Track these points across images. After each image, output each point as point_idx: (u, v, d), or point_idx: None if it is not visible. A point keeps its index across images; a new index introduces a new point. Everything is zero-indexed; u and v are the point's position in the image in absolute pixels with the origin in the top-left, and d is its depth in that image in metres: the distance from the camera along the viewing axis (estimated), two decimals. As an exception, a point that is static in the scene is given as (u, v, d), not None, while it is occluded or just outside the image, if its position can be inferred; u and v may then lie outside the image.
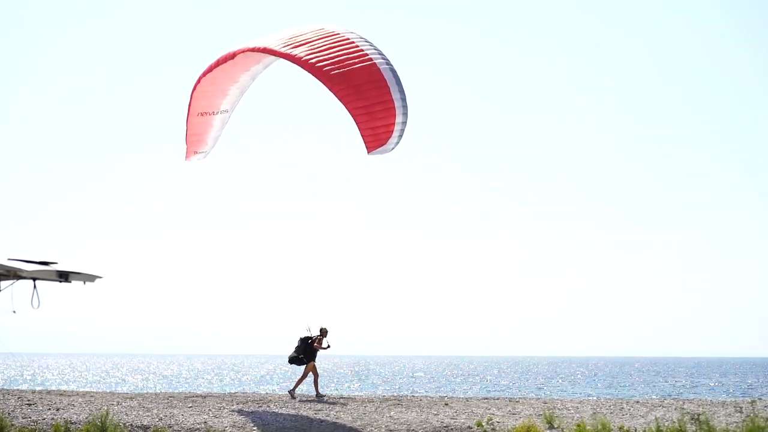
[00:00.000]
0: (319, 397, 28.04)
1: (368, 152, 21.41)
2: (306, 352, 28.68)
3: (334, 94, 21.29)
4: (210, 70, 24.98)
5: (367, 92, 21.12)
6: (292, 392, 28.46)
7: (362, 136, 21.34)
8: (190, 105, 25.80)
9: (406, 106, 21.23)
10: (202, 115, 25.90)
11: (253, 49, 23.32)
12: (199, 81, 25.31)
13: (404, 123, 21.27)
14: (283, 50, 22.35)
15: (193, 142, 26.39)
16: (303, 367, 28.99)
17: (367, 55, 21.59)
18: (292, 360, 28.82)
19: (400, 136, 21.35)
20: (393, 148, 21.50)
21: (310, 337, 28.70)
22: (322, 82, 21.41)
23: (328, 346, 28.77)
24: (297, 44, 22.28)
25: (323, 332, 28.81)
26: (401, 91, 21.27)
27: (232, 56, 24.03)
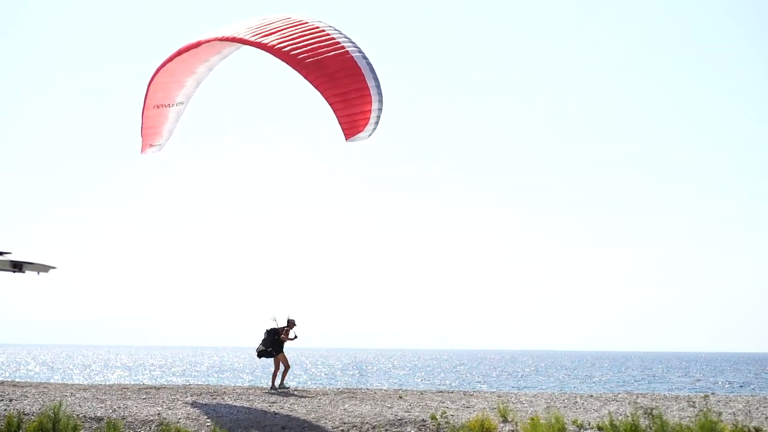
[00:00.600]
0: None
1: (346, 139, 21.57)
2: (274, 344, 28.63)
3: (310, 81, 21.42)
4: (169, 60, 24.84)
5: (342, 79, 21.34)
6: (280, 384, 28.46)
7: (339, 123, 21.52)
8: (146, 97, 25.67)
9: (381, 93, 21.52)
10: (158, 107, 25.80)
11: (222, 39, 23.23)
12: (157, 72, 25.17)
13: (380, 110, 21.52)
14: (254, 39, 22.33)
15: (149, 135, 26.29)
16: (273, 359, 28.99)
17: (339, 43, 21.82)
18: (262, 354, 28.76)
19: (377, 122, 21.58)
20: (370, 135, 21.75)
21: (277, 329, 28.66)
22: (297, 70, 21.54)
23: (296, 337, 28.74)
24: (267, 33, 22.33)
25: (290, 323, 28.77)
26: (375, 79, 21.53)
27: (196, 45, 23.92)
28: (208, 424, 21.53)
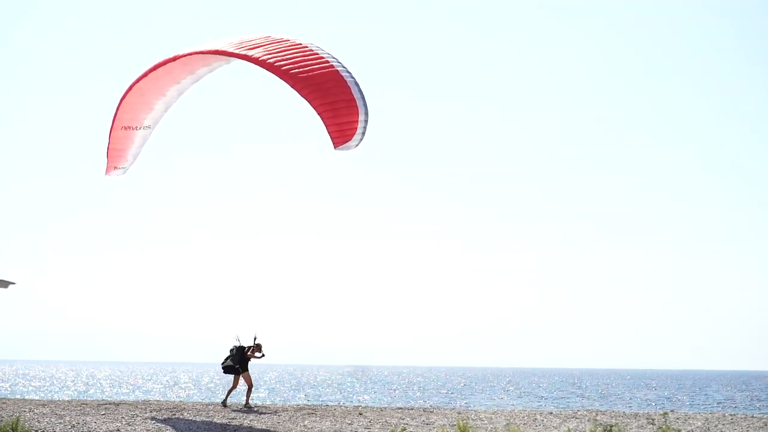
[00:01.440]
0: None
1: (335, 147, 21.86)
2: (242, 361, 28.55)
3: (298, 91, 21.85)
4: (142, 77, 24.80)
5: (330, 89, 21.71)
6: (247, 405, 28.33)
7: (328, 132, 21.80)
8: (115, 116, 25.56)
9: (367, 105, 21.86)
10: (125, 129, 25.69)
11: (203, 52, 23.32)
12: (128, 90, 25.10)
13: (366, 121, 21.85)
14: (238, 52, 22.55)
15: (114, 157, 26.18)
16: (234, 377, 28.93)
17: (323, 58, 22.28)
18: (228, 369, 28.64)
19: (363, 133, 21.88)
20: (357, 145, 21.99)
21: (244, 347, 28.60)
22: (285, 81, 21.94)
23: (263, 356, 28.69)
24: (251, 47, 22.77)
25: (258, 346, 28.72)
26: (360, 92, 21.93)
27: (172, 59, 23.96)
28: (168, 440, 21.46)
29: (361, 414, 26.12)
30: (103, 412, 25.06)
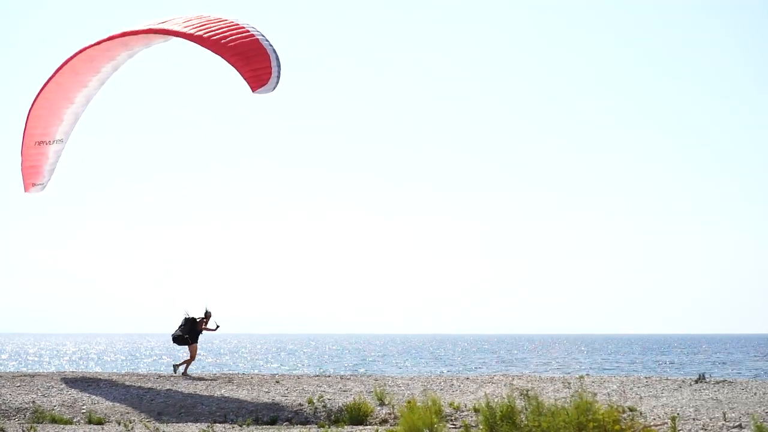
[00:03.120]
0: (185, 376, 27.94)
1: (253, 91, 22.68)
2: (192, 332, 28.65)
3: (208, 47, 22.93)
4: (47, 83, 24.70)
5: (239, 42, 22.78)
6: (183, 373, 28.55)
7: (245, 78, 22.60)
8: (25, 130, 25.35)
9: (277, 53, 22.99)
10: (38, 144, 25.51)
11: (128, 33, 23.89)
12: (34, 101, 24.90)
13: (279, 68, 22.82)
14: (160, 27, 23.56)
15: (31, 174, 26.07)
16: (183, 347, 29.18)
17: (239, 26, 23.33)
18: (178, 339, 28.76)
19: (278, 77, 22.80)
20: (274, 88, 22.86)
21: (195, 319, 28.70)
22: (195, 42, 23.11)
23: (217, 327, 28.84)
24: (160, 24, 23.88)
25: (207, 315, 28.85)
26: (270, 45, 23.06)
27: (80, 51, 24.21)
28: (83, 410, 21.32)
29: (278, 382, 26.08)
30: (18, 384, 24.84)
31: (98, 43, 24.32)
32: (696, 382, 25.70)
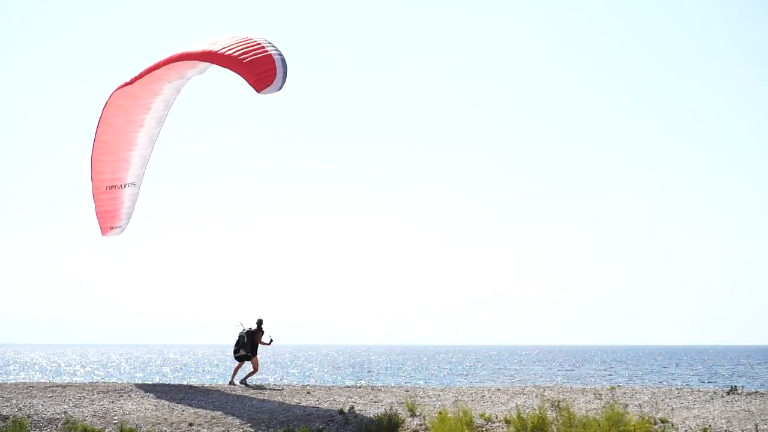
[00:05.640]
0: (246, 386, 28.38)
1: (258, 92, 22.45)
2: (253, 347, 28.95)
3: (214, 62, 23.20)
4: (100, 130, 24.73)
5: (246, 50, 22.81)
6: (242, 381, 29.12)
7: (249, 82, 22.43)
8: (92, 176, 25.38)
9: (282, 54, 22.84)
10: (110, 189, 25.54)
11: (172, 59, 24.00)
12: (94, 143, 24.97)
13: (284, 69, 22.57)
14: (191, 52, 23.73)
15: (106, 218, 26.09)
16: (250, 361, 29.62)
17: (256, 41, 23.26)
18: (242, 358, 29.06)
19: (284, 78, 22.51)
20: (280, 88, 22.52)
21: (254, 332, 28.88)
22: (206, 61, 23.50)
23: (271, 341, 29.01)
24: (195, 49, 23.97)
25: (260, 325, 29.06)
26: (276, 48, 23.01)
27: (129, 83, 24.41)
28: (115, 421, 21.36)
29: (309, 393, 26.11)
30: (50, 395, 24.93)
31: (133, 80, 24.54)
32: (728, 393, 25.62)
